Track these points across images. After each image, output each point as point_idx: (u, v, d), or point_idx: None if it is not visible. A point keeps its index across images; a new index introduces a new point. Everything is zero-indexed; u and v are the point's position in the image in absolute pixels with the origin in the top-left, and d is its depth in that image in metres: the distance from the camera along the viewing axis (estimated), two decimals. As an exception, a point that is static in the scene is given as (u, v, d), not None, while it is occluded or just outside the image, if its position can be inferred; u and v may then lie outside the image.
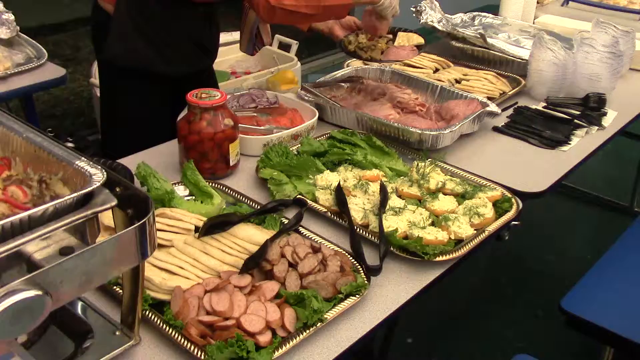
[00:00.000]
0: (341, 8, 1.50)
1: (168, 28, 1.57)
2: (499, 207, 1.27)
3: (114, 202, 0.74)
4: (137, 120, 1.68)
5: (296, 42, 2.89)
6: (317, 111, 1.57)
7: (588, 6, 2.31)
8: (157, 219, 1.02)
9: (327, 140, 1.49)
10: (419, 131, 1.46)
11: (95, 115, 2.83)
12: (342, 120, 1.60)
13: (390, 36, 1.66)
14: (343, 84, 1.75)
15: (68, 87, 3.37)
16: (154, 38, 1.57)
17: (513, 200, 1.28)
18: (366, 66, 1.81)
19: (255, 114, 1.57)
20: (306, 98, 1.63)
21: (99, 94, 2.70)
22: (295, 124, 1.54)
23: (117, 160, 1.35)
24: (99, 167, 0.75)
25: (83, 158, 0.77)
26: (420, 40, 1.65)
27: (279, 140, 1.46)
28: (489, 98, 1.72)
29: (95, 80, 2.69)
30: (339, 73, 1.78)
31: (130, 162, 1.35)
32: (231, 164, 1.37)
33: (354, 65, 1.84)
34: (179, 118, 1.36)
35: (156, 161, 1.40)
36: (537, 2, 2.35)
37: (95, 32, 1.71)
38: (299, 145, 1.45)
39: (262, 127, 1.50)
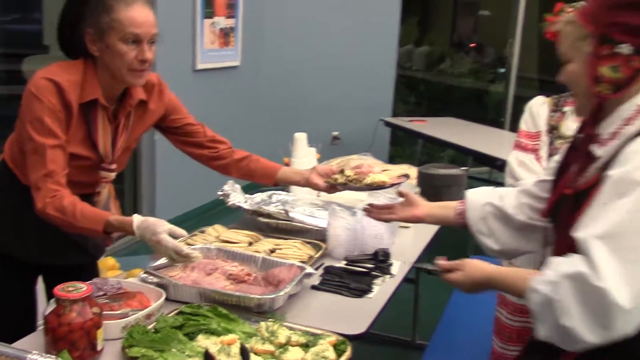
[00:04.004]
0: (93, 232, 1.71)
1: (35, 222, 1.69)
2: (337, 349, 1.55)
3: None
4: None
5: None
6: (163, 291, 1.75)
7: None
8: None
9: (178, 315, 1.68)
10: (258, 296, 1.73)
11: None
12: (185, 296, 1.80)
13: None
14: (178, 265, 1.96)
15: None
16: (19, 227, 1.68)
17: (347, 342, 1.58)
18: (196, 247, 2.06)
19: (107, 301, 1.70)
20: (149, 280, 1.82)
21: None
22: (144, 305, 1.70)
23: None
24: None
25: None
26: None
27: (136, 322, 1.61)
28: (301, 262, 2.06)
29: None
30: (172, 255, 1.99)
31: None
32: (98, 349, 1.49)
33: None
34: (46, 312, 1.46)
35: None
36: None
37: None
38: (155, 323, 1.62)
39: (117, 312, 1.64)
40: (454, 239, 4.55)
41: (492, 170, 5.59)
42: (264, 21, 5.60)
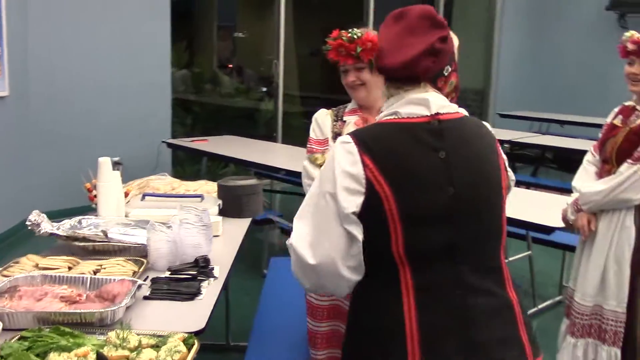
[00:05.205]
0: None
1: None
2: (186, 343, 1.72)
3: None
4: None
5: None
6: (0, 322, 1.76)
7: (161, 197, 3.00)
8: None
9: (19, 341, 1.70)
10: (100, 310, 1.82)
11: None
12: (20, 323, 1.81)
13: None
14: (4, 295, 1.95)
15: None
16: None
17: (193, 336, 1.75)
18: (18, 276, 2.05)
19: (-60, 337, 1.66)
20: (-20, 313, 1.80)
21: None
22: (-20, 336, 1.70)
23: None
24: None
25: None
26: None
27: (-21, 352, 1.61)
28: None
29: None
30: (-4, 286, 1.97)
31: None
32: (-53, 382, 1.48)
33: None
34: None
35: None
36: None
37: None
38: (0, 350, 1.63)
39: (-43, 346, 1.62)
40: (257, 242, 4.86)
41: (273, 181, 5.99)
42: (31, 50, 5.39)
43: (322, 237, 1.49)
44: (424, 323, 1.48)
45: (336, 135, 2.50)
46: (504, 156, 1.66)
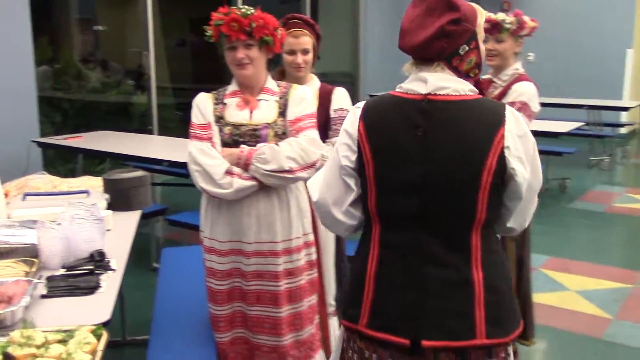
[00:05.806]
0: None
1: None
2: (95, 334, 1.72)
3: None
4: None
5: None
6: None
7: (44, 196, 2.90)
8: None
9: None
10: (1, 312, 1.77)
11: None
12: None
13: None
14: None
15: None
16: None
17: (102, 327, 1.75)
18: None
19: None
20: None
21: None
22: None
23: None
24: None
25: None
26: None
27: None
28: (21, 278, 2.10)
29: None
30: None
31: None
32: None
33: None
34: None
35: None
36: None
37: None
38: None
39: None
40: (143, 236, 4.78)
41: (153, 174, 5.89)
42: None
43: (325, 182, 1.75)
44: (380, 276, 1.67)
45: (218, 119, 2.51)
46: (511, 144, 1.57)
